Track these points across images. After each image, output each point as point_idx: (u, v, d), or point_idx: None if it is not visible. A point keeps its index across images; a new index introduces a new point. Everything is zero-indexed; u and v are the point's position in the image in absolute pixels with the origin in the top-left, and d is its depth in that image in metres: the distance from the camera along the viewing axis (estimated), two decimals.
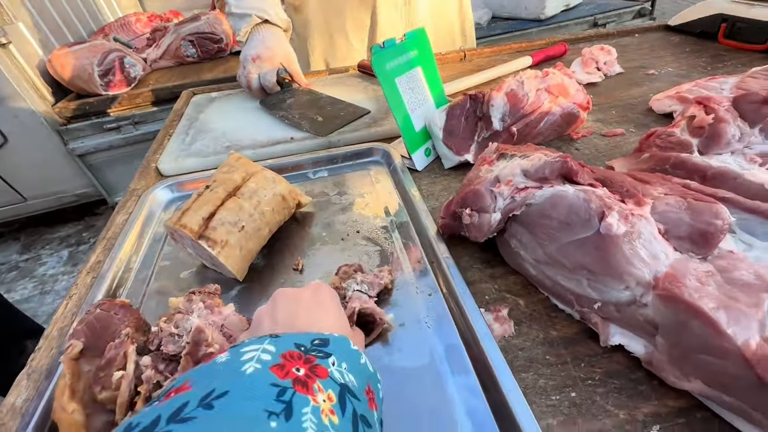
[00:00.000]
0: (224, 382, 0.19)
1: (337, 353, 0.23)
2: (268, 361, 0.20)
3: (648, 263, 0.30)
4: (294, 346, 0.22)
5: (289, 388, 0.19)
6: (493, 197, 0.37)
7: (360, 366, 0.24)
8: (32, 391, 0.33)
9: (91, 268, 0.45)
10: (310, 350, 0.22)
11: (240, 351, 0.21)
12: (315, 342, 0.23)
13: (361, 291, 0.37)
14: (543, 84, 0.56)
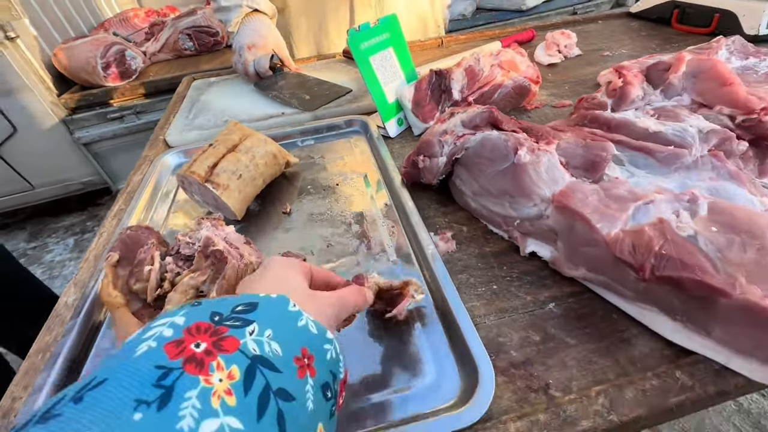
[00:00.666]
0: (109, 367, 0.17)
1: (263, 319, 0.20)
2: (167, 338, 0.18)
3: (549, 185, 0.39)
4: (208, 316, 0.20)
5: (176, 369, 0.17)
6: (441, 145, 0.47)
7: (296, 329, 0.21)
8: (78, 294, 0.42)
9: (114, 215, 0.54)
10: (226, 319, 0.20)
11: (149, 326, 0.19)
12: (238, 308, 0.21)
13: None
14: (496, 60, 0.65)
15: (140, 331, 0.19)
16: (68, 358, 0.36)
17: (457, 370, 0.33)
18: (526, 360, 0.33)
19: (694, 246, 0.32)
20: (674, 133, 0.42)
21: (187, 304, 0.21)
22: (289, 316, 0.22)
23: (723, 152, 0.40)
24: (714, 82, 0.47)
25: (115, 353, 0.18)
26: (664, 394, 0.29)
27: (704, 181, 0.38)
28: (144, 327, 0.20)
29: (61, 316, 0.40)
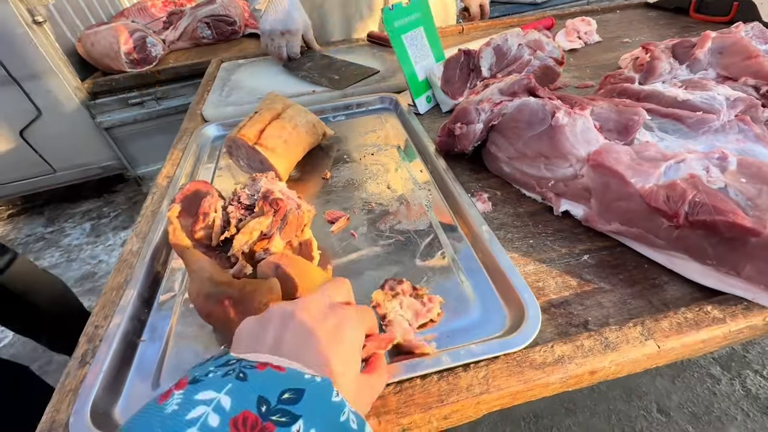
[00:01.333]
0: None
1: (308, 413, 0.20)
2: (212, 429, 0.17)
3: (584, 146, 0.42)
4: (255, 403, 0.19)
5: None
6: (477, 112, 0.49)
7: (337, 425, 0.21)
8: (141, 242, 0.45)
9: (164, 177, 0.57)
10: (273, 412, 0.19)
11: (193, 398, 0.19)
12: (284, 396, 0.20)
13: (404, 317, 0.35)
14: (524, 40, 0.68)
15: (188, 392, 0.19)
16: (139, 293, 0.39)
17: (502, 306, 0.36)
18: (564, 301, 0.36)
19: (725, 194, 0.34)
20: (702, 101, 0.44)
21: (232, 376, 0.20)
22: (333, 408, 0.21)
23: (753, 118, 0.43)
24: (739, 55, 0.49)
25: (157, 411, 0.18)
26: (696, 325, 0.31)
27: (732, 143, 0.41)
28: (190, 386, 0.19)
29: (127, 261, 0.43)
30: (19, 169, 1.77)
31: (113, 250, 2.10)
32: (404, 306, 0.35)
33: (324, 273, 0.37)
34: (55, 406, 0.31)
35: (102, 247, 2.12)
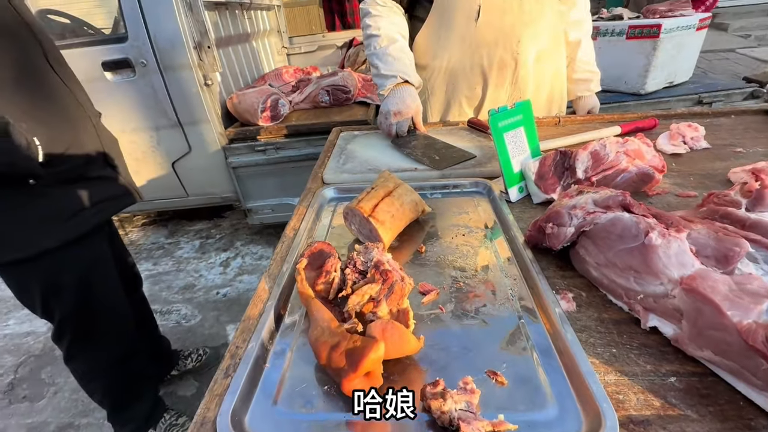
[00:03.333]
0: None
1: None
2: None
3: (678, 268, 0.44)
4: None
5: None
6: (570, 216, 0.54)
7: None
8: (272, 282, 0.57)
9: (291, 229, 0.71)
10: None
11: None
12: None
13: (465, 410, 0.36)
14: (622, 148, 0.72)
15: None
16: (267, 325, 0.49)
17: (579, 411, 0.38)
18: (645, 420, 0.37)
19: None
20: None
21: None
22: None
23: None
24: None
25: None
26: None
27: None
28: None
29: (260, 296, 0.55)
30: (163, 191, 2.20)
31: (212, 267, 2.41)
32: (456, 400, 0.37)
33: (418, 343, 0.43)
34: (207, 404, 0.40)
35: (204, 263, 2.45)
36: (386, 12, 1.09)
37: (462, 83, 1.17)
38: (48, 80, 0.94)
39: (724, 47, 5.60)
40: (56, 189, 0.94)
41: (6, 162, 0.81)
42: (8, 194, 0.88)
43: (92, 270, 1.07)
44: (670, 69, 1.92)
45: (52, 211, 0.94)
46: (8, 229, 0.90)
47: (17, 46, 0.87)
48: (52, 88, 0.94)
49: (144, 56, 1.80)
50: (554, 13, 1.12)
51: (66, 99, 0.97)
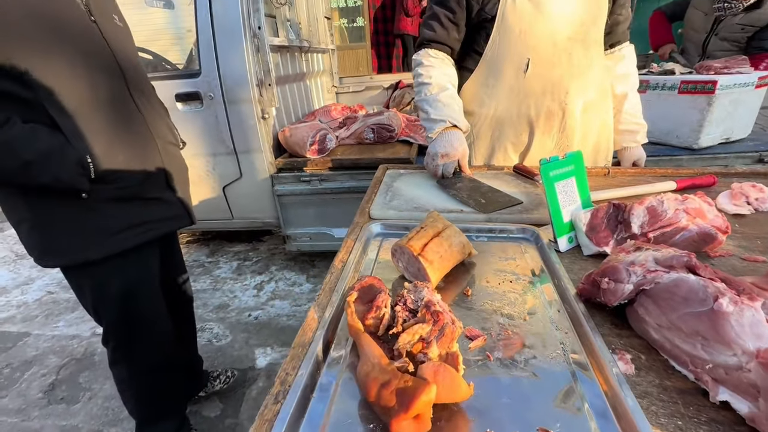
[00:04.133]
0: None
1: None
2: None
3: (753, 339, 0.41)
4: None
5: None
6: (628, 273, 0.53)
7: None
8: (321, 312, 0.58)
9: (339, 261, 0.73)
10: None
11: None
12: None
13: None
14: (682, 205, 0.70)
15: None
16: (315, 355, 0.50)
17: None
18: None
19: None
20: None
21: None
22: None
23: None
24: None
25: None
26: None
27: None
28: None
29: (310, 325, 0.56)
30: (211, 212, 2.33)
31: (247, 289, 2.47)
32: None
33: (468, 389, 0.42)
34: (257, 429, 0.41)
35: (240, 285, 2.52)
36: (438, 63, 1.15)
37: (508, 130, 1.20)
38: (124, 107, 1.04)
39: None
40: (107, 205, 1.01)
41: (52, 177, 0.90)
42: (64, 204, 0.96)
43: (136, 284, 1.14)
44: (726, 125, 1.86)
45: (100, 226, 1.01)
46: (61, 237, 0.99)
47: (104, 75, 0.99)
48: (126, 114, 1.04)
49: (212, 90, 1.99)
50: (601, 67, 1.14)
51: (136, 125, 1.06)
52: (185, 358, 1.48)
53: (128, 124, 1.04)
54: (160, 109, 1.20)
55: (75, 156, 0.91)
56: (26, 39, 0.84)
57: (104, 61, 1.00)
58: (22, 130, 0.86)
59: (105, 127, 0.98)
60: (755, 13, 2.33)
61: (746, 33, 2.42)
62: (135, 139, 1.06)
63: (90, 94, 0.95)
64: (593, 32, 1.09)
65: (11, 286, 2.64)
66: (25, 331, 2.17)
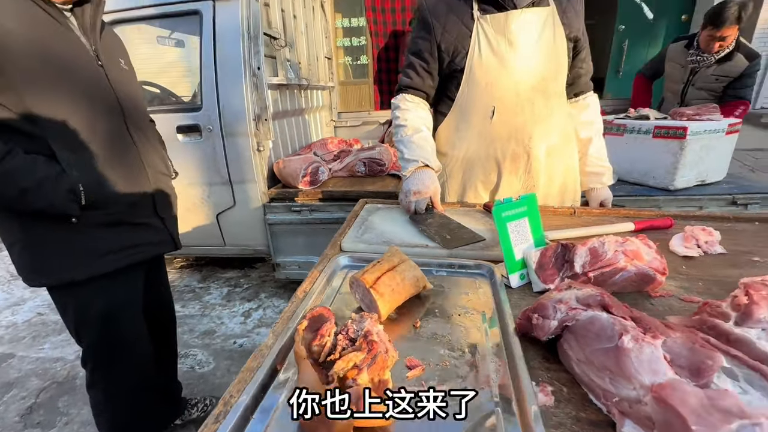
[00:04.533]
0: None
1: None
2: None
3: (650, 375, 0.45)
4: None
5: None
6: (554, 310, 0.57)
7: None
8: (275, 339, 0.63)
9: (302, 291, 0.78)
10: None
11: None
12: None
13: None
14: (621, 247, 0.75)
15: None
16: (266, 375, 0.54)
17: None
18: None
19: None
20: None
21: None
22: None
23: None
24: None
25: None
26: None
27: None
28: None
29: (262, 351, 0.60)
30: (205, 239, 2.39)
31: (235, 316, 2.49)
32: None
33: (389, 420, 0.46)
34: None
35: (228, 311, 2.53)
36: (413, 107, 1.25)
37: (478, 170, 1.27)
38: (119, 140, 1.12)
39: None
40: (96, 228, 1.08)
41: (47, 203, 0.97)
42: (55, 228, 1.03)
43: (119, 305, 1.18)
44: (700, 168, 1.93)
45: (88, 247, 1.07)
46: (50, 257, 1.05)
47: (105, 113, 1.08)
48: (120, 146, 1.12)
49: (212, 123, 2.11)
50: (563, 114, 1.23)
51: (129, 157, 1.14)
52: (163, 383, 1.48)
53: (122, 156, 1.12)
54: (155, 141, 1.28)
55: (68, 184, 0.98)
56: (34, 78, 0.94)
57: (106, 102, 1.09)
58: (24, 160, 0.94)
59: (99, 159, 1.06)
60: (727, 65, 2.46)
61: (720, 83, 2.55)
62: (127, 170, 1.13)
63: (89, 129, 1.04)
64: (553, 85, 1.19)
65: (2, 306, 2.66)
66: (10, 353, 2.18)
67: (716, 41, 2.35)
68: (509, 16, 1.13)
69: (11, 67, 0.90)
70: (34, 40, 0.94)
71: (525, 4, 1.13)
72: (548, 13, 1.16)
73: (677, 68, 2.73)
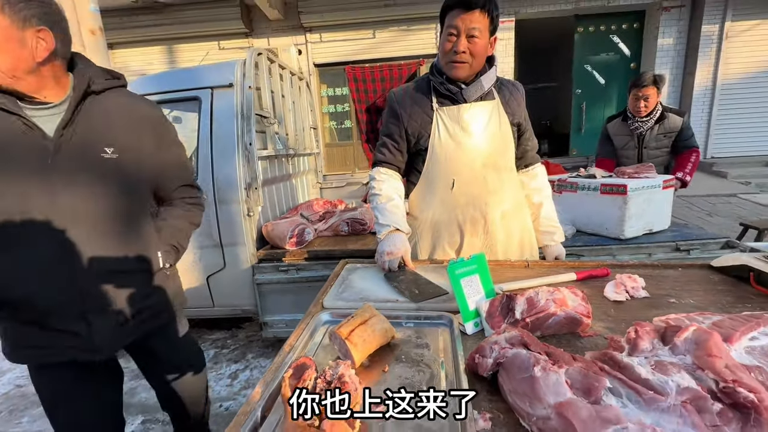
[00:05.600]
0: None
1: None
2: None
3: (554, 396, 0.60)
4: None
5: None
6: (491, 350, 0.72)
7: None
8: (263, 387, 0.75)
9: (288, 345, 0.91)
10: None
11: None
12: None
13: None
14: (551, 296, 0.91)
15: None
16: (255, 420, 0.66)
17: None
18: None
19: None
20: (658, 383, 0.59)
21: None
22: None
23: (698, 407, 0.55)
24: (704, 350, 0.63)
25: None
26: None
27: (672, 424, 0.53)
28: None
29: (254, 397, 0.72)
30: (194, 301, 2.45)
31: (221, 378, 2.48)
32: None
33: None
34: None
35: (215, 374, 2.53)
36: (387, 178, 1.46)
37: (444, 232, 1.47)
38: (44, 239, 1.03)
39: (726, 192, 5.97)
40: (16, 322, 1.07)
41: None
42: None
43: (52, 396, 1.18)
44: (645, 219, 2.18)
45: (13, 338, 1.09)
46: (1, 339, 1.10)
47: (36, 207, 1.01)
48: (43, 246, 1.03)
49: (206, 192, 2.30)
50: (514, 184, 1.46)
51: (56, 260, 1.04)
52: None
53: (41, 257, 1.03)
54: (112, 237, 1.12)
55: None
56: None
57: (40, 200, 1.00)
58: None
59: (9, 259, 1.01)
60: (666, 123, 2.84)
61: (669, 138, 2.91)
62: (44, 272, 1.03)
63: (8, 227, 0.99)
64: (502, 161, 1.43)
65: None
66: None
67: (641, 100, 2.75)
68: (461, 109, 1.40)
69: None
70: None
71: (473, 99, 1.40)
72: (494, 105, 1.43)
73: (625, 139, 3.09)
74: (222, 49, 7.38)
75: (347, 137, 8.02)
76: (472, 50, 1.28)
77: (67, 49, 1.04)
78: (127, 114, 1.14)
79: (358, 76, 7.36)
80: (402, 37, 7.15)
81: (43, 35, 0.95)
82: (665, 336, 0.72)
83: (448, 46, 1.30)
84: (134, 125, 1.15)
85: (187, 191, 1.35)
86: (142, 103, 1.21)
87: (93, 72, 1.09)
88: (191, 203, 1.35)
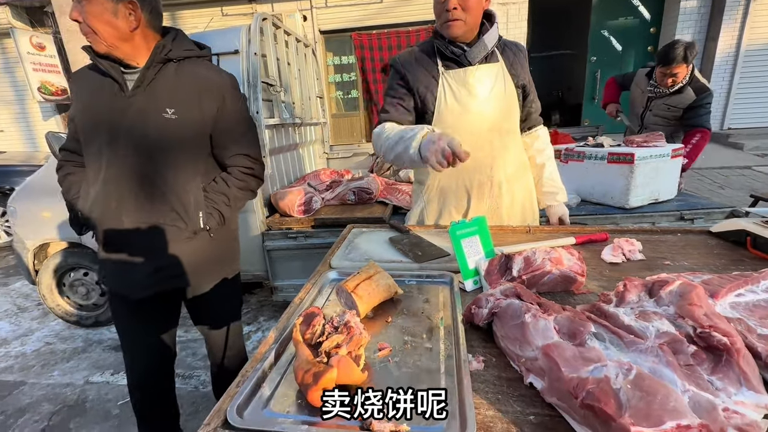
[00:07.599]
0: None
1: None
2: None
3: (542, 339, 0.65)
4: None
5: None
6: (486, 301, 0.77)
7: None
8: (278, 333, 0.81)
9: (298, 298, 0.97)
10: None
11: None
12: None
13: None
14: (548, 255, 0.96)
15: None
16: (270, 359, 0.73)
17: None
18: None
19: (615, 392, 0.53)
20: (639, 328, 0.64)
21: None
22: None
23: (674, 349, 0.60)
24: (686, 300, 0.68)
25: None
26: None
27: (648, 362, 0.59)
28: None
29: (268, 341, 0.79)
30: None
31: None
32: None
33: (362, 375, 0.65)
34: (222, 400, 0.63)
35: None
36: (392, 125, 1.43)
37: (451, 197, 1.50)
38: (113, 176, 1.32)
39: (741, 164, 5.84)
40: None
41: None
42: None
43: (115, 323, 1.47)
44: (651, 189, 2.18)
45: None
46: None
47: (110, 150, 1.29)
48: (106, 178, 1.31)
49: None
50: (517, 148, 1.47)
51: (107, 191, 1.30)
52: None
53: (108, 202, 1.28)
54: (156, 191, 1.27)
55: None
56: (83, 129, 1.25)
57: (116, 146, 1.22)
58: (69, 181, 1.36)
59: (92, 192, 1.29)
60: (677, 97, 2.77)
61: (672, 113, 2.85)
62: (105, 216, 1.28)
63: (95, 170, 1.27)
64: (506, 125, 1.43)
65: (11, 337, 2.77)
66: (21, 380, 2.29)
67: (669, 77, 2.66)
68: (467, 72, 1.39)
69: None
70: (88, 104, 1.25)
71: (478, 61, 1.39)
72: (498, 67, 1.42)
73: (639, 93, 3.03)
74: (225, 15, 7.20)
75: (354, 108, 7.91)
76: (463, 5, 1.26)
77: (157, 21, 1.23)
78: (195, 80, 1.26)
79: (365, 44, 7.15)
80: (410, 1, 6.89)
81: (132, 8, 1.14)
82: (652, 290, 0.76)
83: (440, 4, 1.28)
84: (199, 91, 1.25)
85: (243, 160, 1.40)
86: (213, 71, 1.31)
87: (176, 43, 1.25)
88: (245, 173, 1.41)
